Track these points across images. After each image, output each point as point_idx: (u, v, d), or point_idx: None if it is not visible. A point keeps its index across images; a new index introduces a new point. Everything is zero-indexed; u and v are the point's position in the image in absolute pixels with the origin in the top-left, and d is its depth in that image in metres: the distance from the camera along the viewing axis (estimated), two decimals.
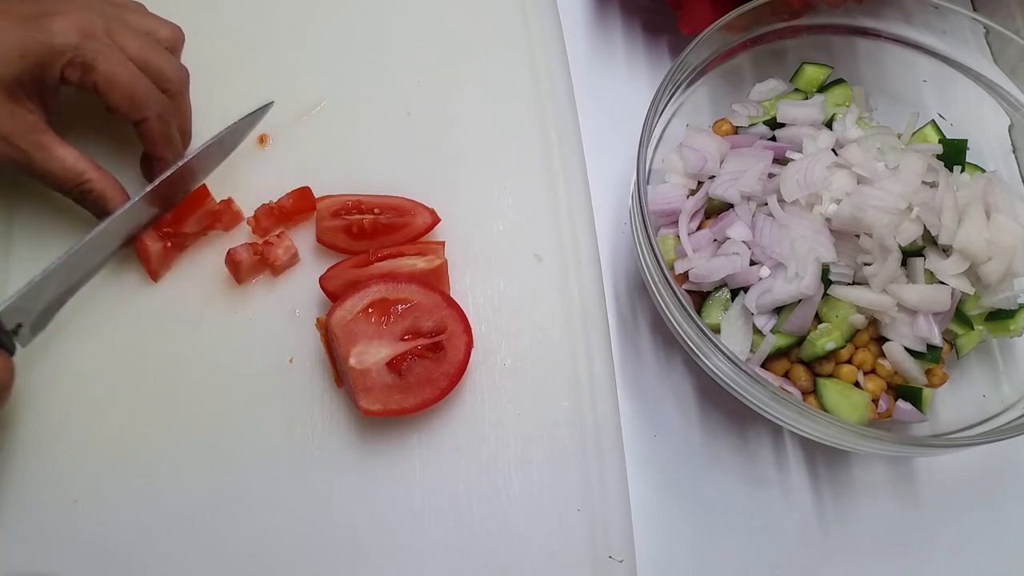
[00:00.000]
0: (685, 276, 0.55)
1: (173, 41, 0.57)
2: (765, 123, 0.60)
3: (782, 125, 0.59)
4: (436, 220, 0.58)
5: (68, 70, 0.50)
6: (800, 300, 0.51)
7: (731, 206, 0.55)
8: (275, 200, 0.58)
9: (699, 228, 0.57)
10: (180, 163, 0.55)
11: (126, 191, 0.55)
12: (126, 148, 0.58)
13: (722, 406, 0.58)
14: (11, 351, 0.49)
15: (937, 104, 0.63)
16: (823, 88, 0.61)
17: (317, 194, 0.58)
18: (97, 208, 0.54)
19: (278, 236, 0.57)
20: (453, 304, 0.54)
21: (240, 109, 0.59)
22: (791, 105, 0.59)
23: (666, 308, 0.53)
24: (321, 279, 0.55)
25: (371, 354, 0.51)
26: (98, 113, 0.54)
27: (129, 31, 0.53)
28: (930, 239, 0.52)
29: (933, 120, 0.62)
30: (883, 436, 0.47)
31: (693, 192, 0.57)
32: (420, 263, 0.55)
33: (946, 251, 0.52)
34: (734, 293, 0.54)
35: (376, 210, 0.57)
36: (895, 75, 0.64)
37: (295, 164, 0.60)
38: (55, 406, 0.53)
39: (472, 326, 0.53)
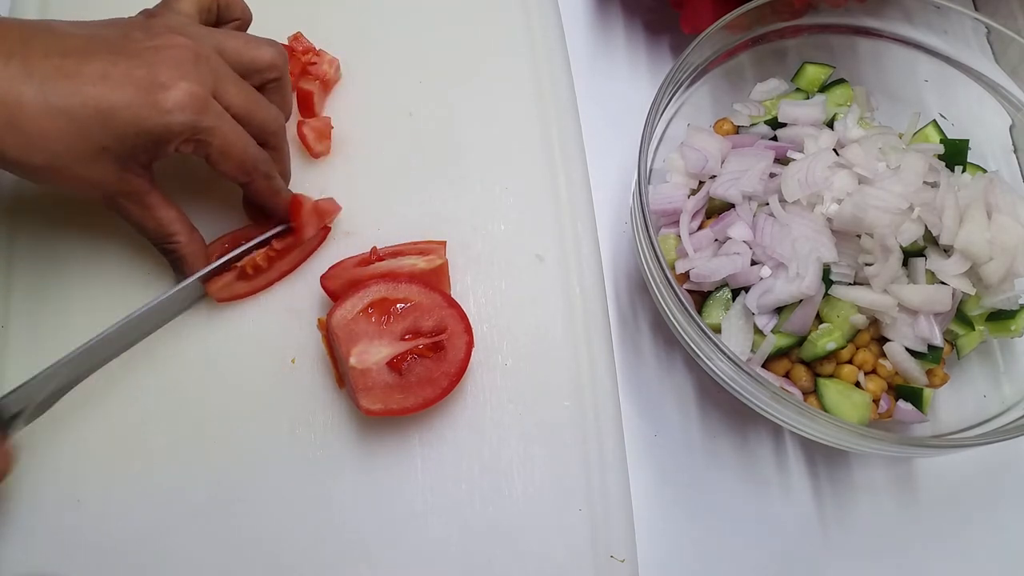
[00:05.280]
0: (686, 276, 0.55)
1: (274, 70, 0.54)
2: (766, 123, 0.60)
3: (783, 125, 0.59)
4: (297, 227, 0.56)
5: (183, 146, 0.49)
6: (801, 300, 0.51)
7: (732, 206, 0.55)
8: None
9: (700, 228, 0.57)
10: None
11: (207, 258, 0.55)
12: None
13: (722, 406, 0.58)
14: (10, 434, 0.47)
15: (938, 104, 0.63)
16: (824, 88, 0.61)
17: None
18: (175, 267, 0.54)
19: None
20: (453, 304, 0.54)
21: None
22: (792, 105, 0.59)
23: (667, 308, 0.53)
24: (322, 278, 0.55)
25: (372, 354, 0.51)
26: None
27: (233, 85, 0.50)
28: (931, 239, 0.52)
29: (934, 120, 0.62)
30: (883, 436, 0.47)
31: (694, 192, 0.57)
32: (421, 263, 0.55)
33: (947, 251, 0.52)
34: (735, 293, 0.54)
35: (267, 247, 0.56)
36: (896, 75, 0.64)
37: (295, 165, 0.60)
38: (57, 407, 0.53)
39: (473, 326, 0.53)
